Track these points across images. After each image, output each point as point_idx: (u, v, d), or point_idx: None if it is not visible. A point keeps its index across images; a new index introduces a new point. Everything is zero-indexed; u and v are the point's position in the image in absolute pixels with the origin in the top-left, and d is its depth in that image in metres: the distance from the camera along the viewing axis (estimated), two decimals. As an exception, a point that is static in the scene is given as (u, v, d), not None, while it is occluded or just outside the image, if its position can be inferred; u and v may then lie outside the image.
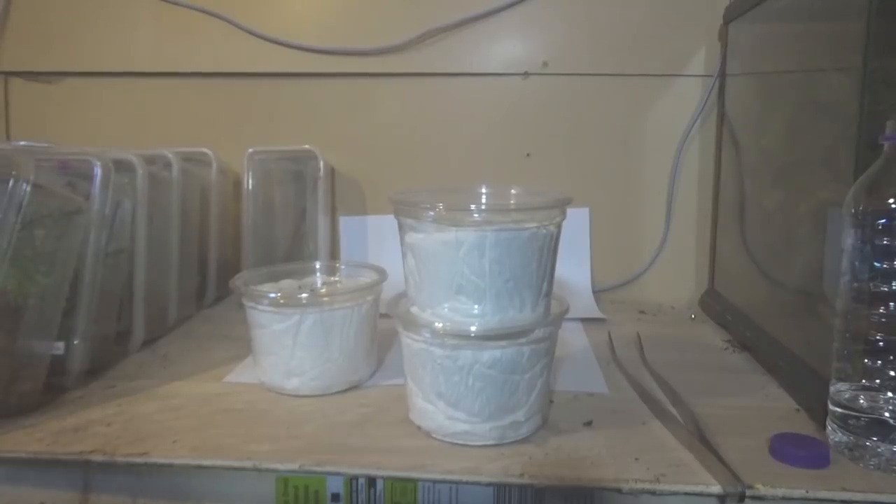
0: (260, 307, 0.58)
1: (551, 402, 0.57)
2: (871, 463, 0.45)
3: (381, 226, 0.94)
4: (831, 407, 0.48)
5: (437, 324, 0.49)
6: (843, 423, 0.47)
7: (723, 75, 0.85)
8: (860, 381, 0.46)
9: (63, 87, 0.97)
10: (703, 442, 0.48)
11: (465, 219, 0.47)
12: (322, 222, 0.88)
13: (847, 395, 0.47)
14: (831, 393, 0.48)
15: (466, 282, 0.48)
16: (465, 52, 0.91)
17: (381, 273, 0.63)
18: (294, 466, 0.46)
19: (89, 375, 0.60)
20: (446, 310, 0.49)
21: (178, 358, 0.68)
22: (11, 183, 0.51)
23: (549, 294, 0.52)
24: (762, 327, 0.68)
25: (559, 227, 0.51)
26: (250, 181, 0.86)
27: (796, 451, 0.46)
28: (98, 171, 0.60)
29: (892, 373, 0.45)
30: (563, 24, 0.90)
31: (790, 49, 0.66)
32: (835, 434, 0.48)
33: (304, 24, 0.92)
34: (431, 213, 0.48)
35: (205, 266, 0.86)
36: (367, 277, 0.64)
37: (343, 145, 0.94)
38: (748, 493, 0.42)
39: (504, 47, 0.91)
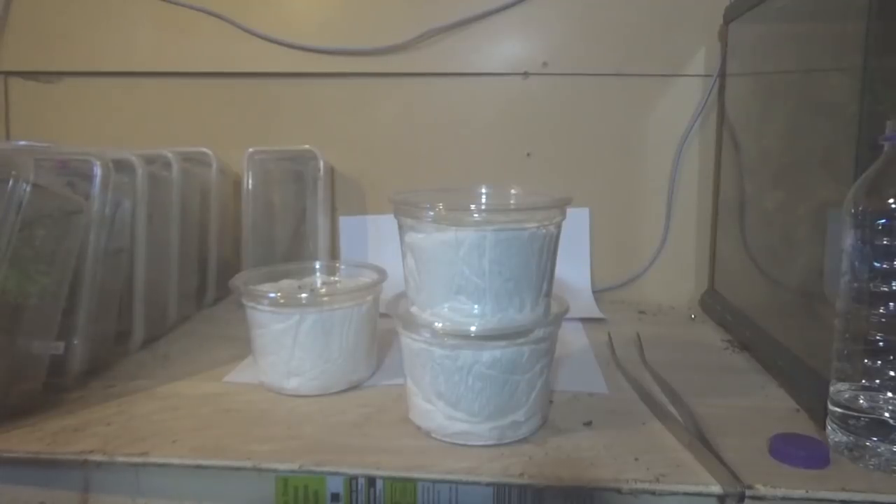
0: (260, 307, 0.58)
1: (551, 402, 0.57)
2: (871, 463, 0.45)
3: (381, 226, 0.94)
4: (831, 407, 0.48)
5: (436, 324, 0.49)
6: (843, 423, 0.47)
7: (723, 75, 0.85)
8: (860, 381, 0.46)
9: (63, 87, 0.97)
10: (703, 442, 0.48)
11: (465, 219, 0.47)
12: (322, 222, 0.88)
13: (847, 395, 0.47)
14: (831, 393, 0.48)
15: (466, 282, 0.48)
16: (465, 52, 0.91)
17: (381, 273, 0.63)
18: (294, 466, 0.46)
19: (89, 375, 0.60)
20: (446, 310, 0.49)
21: (178, 358, 0.68)
22: (11, 183, 0.51)
23: (548, 294, 0.52)
24: (762, 327, 0.68)
25: (559, 227, 0.51)
26: (250, 181, 0.86)
27: (796, 451, 0.46)
28: (98, 171, 0.60)
29: (892, 373, 0.45)
30: (563, 24, 0.90)
31: (790, 49, 0.66)
32: (835, 434, 0.48)
33: (304, 24, 0.92)
34: (431, 213, 0.48)
35: (205, 266, 0.86)
36: (367, 277, 0.64)
37: (343, 145, 0.94)
38: (748, 493, 0.42)
39: (504, 47, 0.91)
